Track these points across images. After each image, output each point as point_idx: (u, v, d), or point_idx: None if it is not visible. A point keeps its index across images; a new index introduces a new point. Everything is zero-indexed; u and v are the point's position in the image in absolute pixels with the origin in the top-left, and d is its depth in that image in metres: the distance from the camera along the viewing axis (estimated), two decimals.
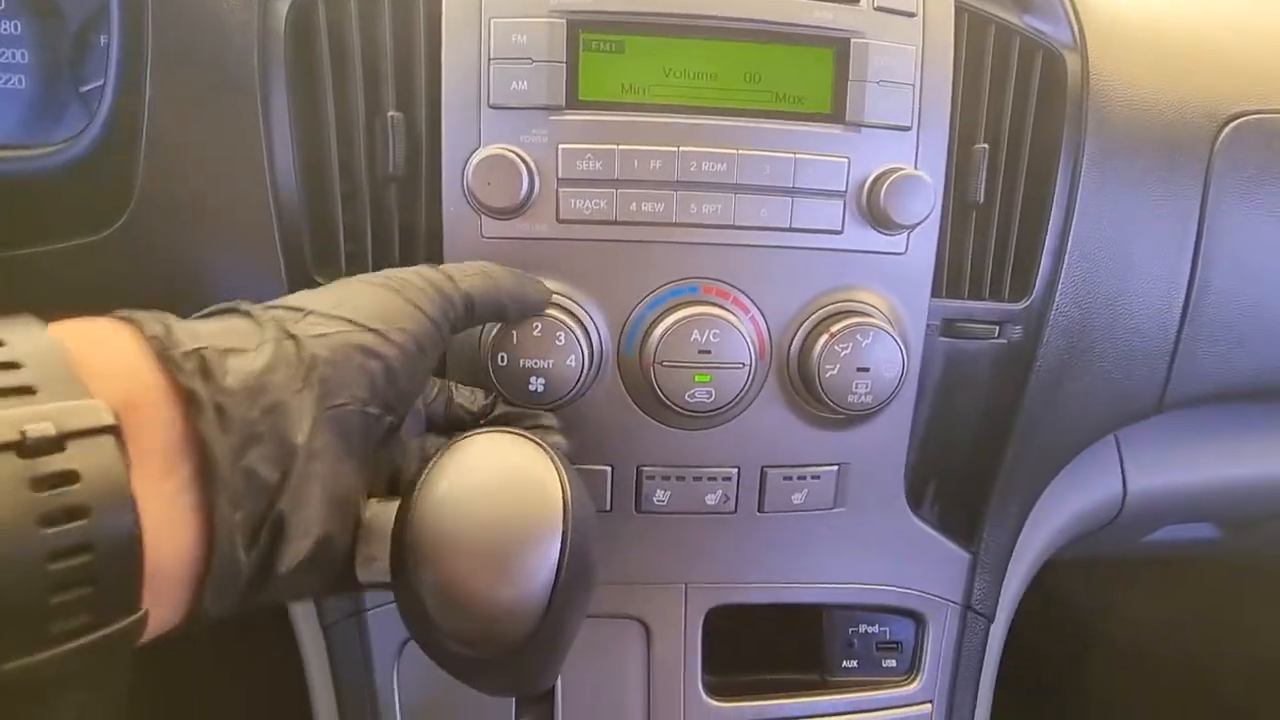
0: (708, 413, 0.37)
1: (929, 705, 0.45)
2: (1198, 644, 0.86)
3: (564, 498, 0.25)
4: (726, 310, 0.36)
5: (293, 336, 0.24)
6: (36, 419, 0.16)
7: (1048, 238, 0.41)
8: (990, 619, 0.46)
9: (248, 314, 0.25)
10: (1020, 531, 0.47)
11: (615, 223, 0.36)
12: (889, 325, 0.37)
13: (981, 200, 0.40)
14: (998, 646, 0.48)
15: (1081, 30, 0.41)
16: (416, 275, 0.29)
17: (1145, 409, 0.47)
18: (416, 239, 0.38)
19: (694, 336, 0.35)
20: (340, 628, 0.41)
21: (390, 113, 0.36)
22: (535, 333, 0.34)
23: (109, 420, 0.17)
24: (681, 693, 0.42)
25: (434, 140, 0.36)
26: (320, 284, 0.37)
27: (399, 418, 0.28)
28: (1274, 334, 0.46)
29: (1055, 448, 0.46)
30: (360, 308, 0.27)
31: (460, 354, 0.37)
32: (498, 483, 0.25)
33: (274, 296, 0.37)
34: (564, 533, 0.25)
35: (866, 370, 0.36)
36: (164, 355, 0.20)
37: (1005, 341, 0.42)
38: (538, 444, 0.27)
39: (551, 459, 0.26)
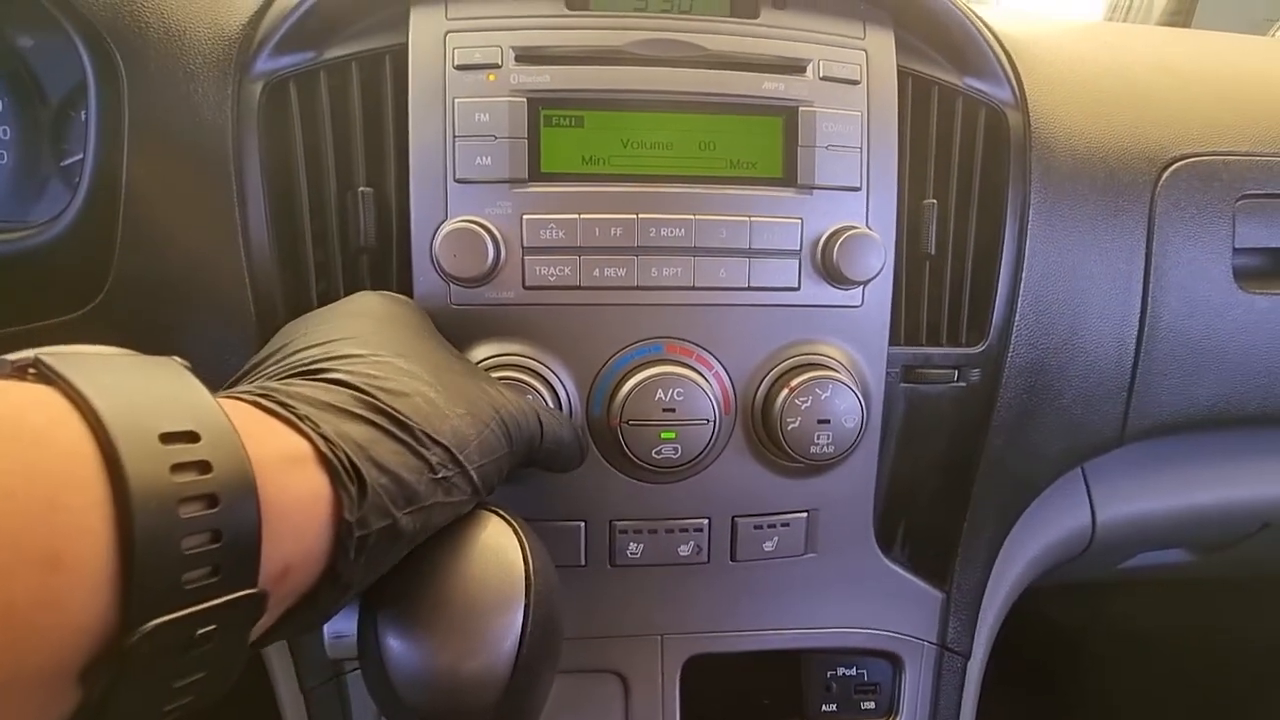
0: (675, 467, 0.38)
1: None
2: (1188, 647, 0.86)
3: (526, 567, 0.26)
4: (690, 368, 0.37)
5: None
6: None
7: (1000, 284, 0.43)
8: (967, 656, 0.47)
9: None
10: (992, 567, 0.48)
11: (580, 288, 0.37)
12: (848, 377, 0.38)
13: (933, 252, 0.42)
14: (976, 681, 0.48)
15: (1021, 86, 0.44)
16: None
17: (1107, 442, 0.48)
18: None
19: (658, 395, 0.36)
20: (321, 691, 0.42)
21: (361, 188, 0.38)
22: None
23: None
24: None
25: (403, 214, 0.37)
26: None
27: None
28: (1227, 364, 0.48)
29: (1021, 484, 0.47)
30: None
31: None
32: (459, 554, 0.26)
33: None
34: (527, 602, 0.25)
35: (827, 422, 0.37)
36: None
37: (965, 385, 0.43)
38: (499, 514, 0.27)
39: (514, 528, 0.27)
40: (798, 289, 0.38)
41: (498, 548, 0.26)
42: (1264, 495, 0.56)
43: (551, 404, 0.36)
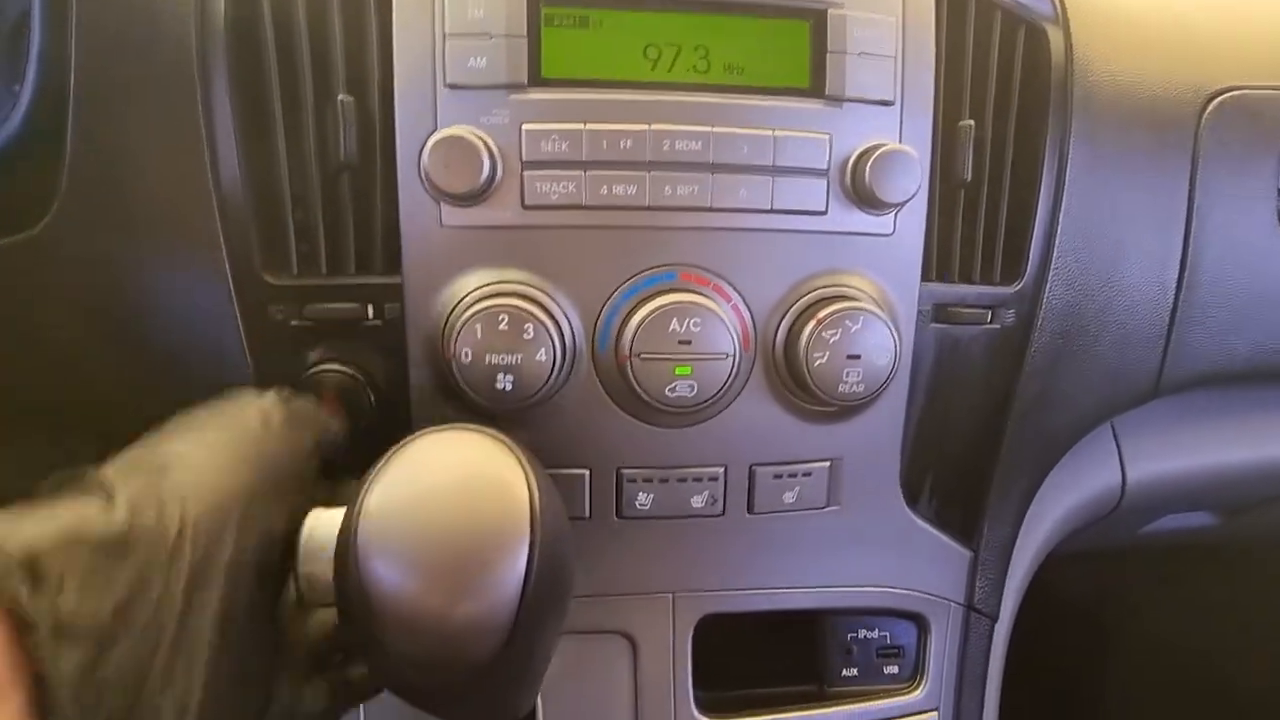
0: (690, 408, 0.35)
1: (935, 714, 0.43)
2: (1211, 638, 0.85)
3: (531, 500, 0.23)
4: (707, 298, 0.34)
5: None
6: None
7: (1038, 217, 0.39)
8: (994, 619, 0.44)
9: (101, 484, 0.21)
10: (1021, 525, 0.45)
11: (585, 207, 0.33)
12: (879, 310, 0.35)
13: (969, 178, 0.38)
14: (1002, 647, 0.46)
15: (1063, 4, 0.40)
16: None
17: (1142, 393, 0.45)
18: (373, 233, 0.35)
19: (673, 326, 0.33)
20: None
21: (340, 97, 0.34)
22: (501, 325, 0.32)
23: None
24: (672, 712, 0.39)
25: (387, 124, 0.34)
26: (270, 283, 0.35)
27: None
28: (1268, 314, 0.45)
29: (1052, 435, 0.45)
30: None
31: (422, 355, 0.34)
32: (454, 485, 0.22)
33: (218, 300, 0.34)
34: (531, 540, 0.22)
35: (857, 357, 0.34)
36: None
37: (998, 327, 0.40)
38: (500, 440, 0.24)
39: (517, 457, 0.24)
40: (825, 213, 0.35)
41: (500, 480, 0.23)
42: None
43: (554, 335, 0.32)
